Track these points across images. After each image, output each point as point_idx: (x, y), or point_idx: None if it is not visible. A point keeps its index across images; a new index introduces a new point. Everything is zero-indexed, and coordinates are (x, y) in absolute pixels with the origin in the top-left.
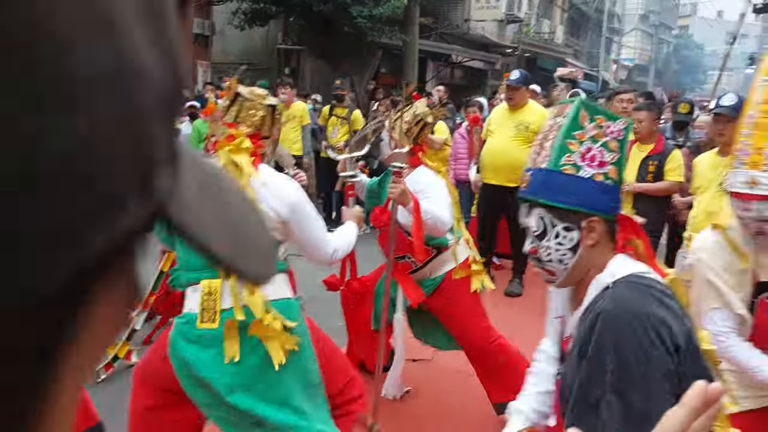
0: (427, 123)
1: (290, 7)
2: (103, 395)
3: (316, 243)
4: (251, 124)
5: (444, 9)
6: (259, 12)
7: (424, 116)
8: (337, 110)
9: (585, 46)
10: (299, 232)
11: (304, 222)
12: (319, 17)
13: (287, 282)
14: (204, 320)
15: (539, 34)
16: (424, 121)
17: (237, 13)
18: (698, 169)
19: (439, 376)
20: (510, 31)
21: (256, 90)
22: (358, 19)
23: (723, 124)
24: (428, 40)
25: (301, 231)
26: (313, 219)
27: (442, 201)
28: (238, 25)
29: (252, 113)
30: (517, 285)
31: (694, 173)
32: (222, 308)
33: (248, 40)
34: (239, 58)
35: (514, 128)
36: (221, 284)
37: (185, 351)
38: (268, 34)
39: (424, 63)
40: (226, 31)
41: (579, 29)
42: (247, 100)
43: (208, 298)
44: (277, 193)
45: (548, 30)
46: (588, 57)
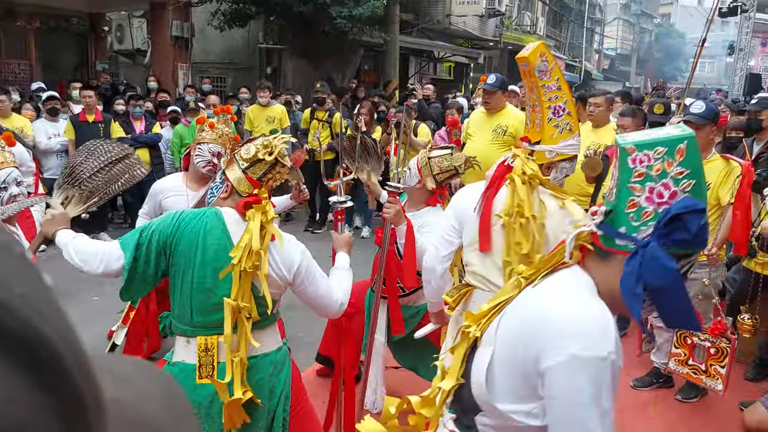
0: (458, 172)
1: (270, 7)
2: None
3: (322, 300)
4: (271, 187)
5: (425, 5)
6: (239, 12)
7: (459, 168)
8: (318, 113)
9: (567, 37)
10: (305, 292)
11: (309, 283)
12: (299, 17)
13: (277, 331)
14: (202, 376)
15: (521, 27)
16: (456, 171)
17: (216, 14)
18: None
19: (422, 382)
20: (491, 24)
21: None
22: (338, 19)
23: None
24: (410, 37)
25: (306, 292)
26: (318, 278)
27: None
28: (217, 26)
29: (279, 178)
30: None
31: None
32: (219, 361)
33: (230, 40)
34: (221, 58)
35: (491, 132)
36: (218, 340)
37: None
38: (249, 34)
39: (406, 59)
40: (207, 31)
41: (561, 20)
42: (283, 167)
43: (206, 354)
44: (284, 258)
45: (530, 22)
46: (570, 48)
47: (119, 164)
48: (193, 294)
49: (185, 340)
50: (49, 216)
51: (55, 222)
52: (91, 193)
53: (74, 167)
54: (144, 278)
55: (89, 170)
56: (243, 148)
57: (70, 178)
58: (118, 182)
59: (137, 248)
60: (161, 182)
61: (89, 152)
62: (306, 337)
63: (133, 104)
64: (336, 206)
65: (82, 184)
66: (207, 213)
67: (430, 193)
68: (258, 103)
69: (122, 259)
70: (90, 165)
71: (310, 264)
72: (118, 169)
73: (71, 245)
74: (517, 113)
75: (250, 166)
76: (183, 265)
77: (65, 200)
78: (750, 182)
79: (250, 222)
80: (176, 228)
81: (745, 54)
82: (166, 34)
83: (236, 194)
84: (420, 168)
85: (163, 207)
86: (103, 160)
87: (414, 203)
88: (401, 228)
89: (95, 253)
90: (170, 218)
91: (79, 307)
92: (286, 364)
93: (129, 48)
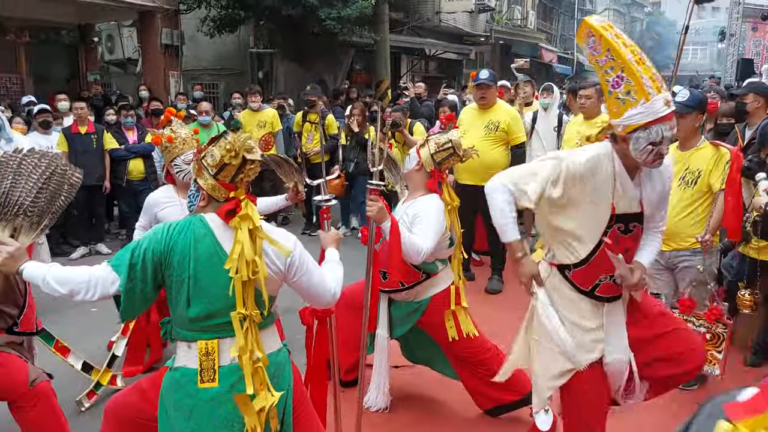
0: (455, 152)
1: (258, 11)
2: (90, 424)
3: (315, 289)
4: (246, 183)
5: (414, 3)
6: (228, 18)
7: (455, 145)
8: (310, 116)
9: (558, 29)
10: (299, 282)
11: (303, 273)
12: (288, 21)
13: (275, 332)
14: (204, 380)
15: (511, 21)
16: (453, 148)
17: (206, 20)
18: None
19: (424, 382)
20: (482, 20)
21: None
22: (327, 21)
23: (677, 120)
24: (400, 35)
25: (300, 282)
26: (311, 268)
27: (429, 231)
28: (207, 33)
29: (252, 174)
30: (497, 282)
31: None
32: (219, 365)
33: (221, 46)
34: (213, 65)
35: (484, 128)
36: (218, 344)
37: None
38: (239, 39)
39: (398, 58)
40: (197, 37)
41: (551, 13)
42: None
43: (207, 358)
44: (277, 252)
45: (520, 16)
46: (562, 40)
47: (54, 178)
48: (190, 301)
49: (186, 345)
50: (5, 255)
51: (15, 258)
52: (39, 217)
53: (7, 194)
54: (144, 296)
55: (28, 194)
56: (208, 154)
57: (9, 208)
58: (60, 197)
59: (131, 269)
60: (155, 195)
61: (13, 173)
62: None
63: (125, 114)
64: (321, 205)
65: (26, 212)
66: (193, 221)
67: (428, 175)
68: (249, 108)
69: (117, 283)
70: (26, 188)
71: (303, 254)
72: (56, 183)
73: (49, 277)
74: (508, 108)
75: (219, 171)
76: (178, 275)
77: (14, 232)
78: (739, 168)
79: (239, 232)
80: (167, 242)
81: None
82: (156, 42)
83: (213, 200)
84: (418, 150)
85: (159, 218)
86: (35, 179)
87: (413, 189)
88: (385, 225)
89: (86, 281)
90: (160, 233)
91: (78, 318)
92: (286, 366)
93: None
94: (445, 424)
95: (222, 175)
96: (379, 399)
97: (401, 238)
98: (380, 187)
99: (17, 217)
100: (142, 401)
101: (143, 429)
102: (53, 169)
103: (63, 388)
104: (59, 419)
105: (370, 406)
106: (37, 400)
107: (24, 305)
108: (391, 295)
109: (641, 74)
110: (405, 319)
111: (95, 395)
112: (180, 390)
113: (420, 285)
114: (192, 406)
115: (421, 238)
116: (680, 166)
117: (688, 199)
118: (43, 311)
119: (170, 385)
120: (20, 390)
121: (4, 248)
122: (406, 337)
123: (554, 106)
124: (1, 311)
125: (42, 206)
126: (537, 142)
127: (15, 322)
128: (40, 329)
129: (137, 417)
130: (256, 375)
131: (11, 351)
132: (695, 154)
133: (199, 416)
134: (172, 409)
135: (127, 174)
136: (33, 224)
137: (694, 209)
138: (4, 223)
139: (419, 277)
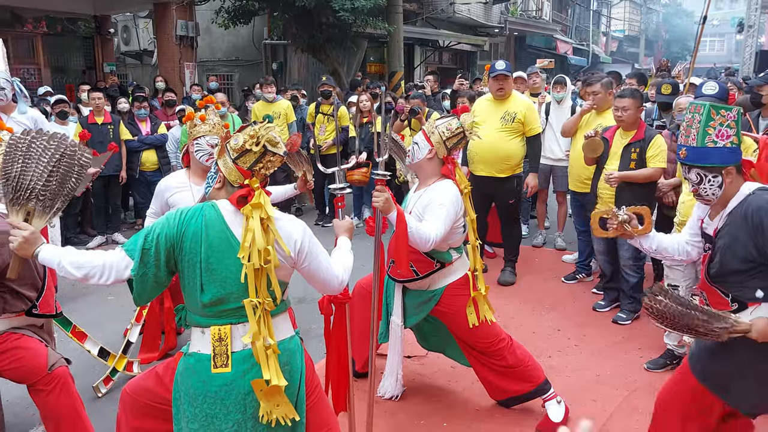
0: (465, 137)
1: (273, 2)
2: (105, 409)
3: (324, 277)
4: (263, 175)
5: None
6: (242, 9)
7: (465, 129)
8: (324, 107)
9: (573, 21)
10: (308, 268)
11: (312, 258)
12: (302, 11)
13: (288, 320)
14: (217, 366)
15: (526, 12)
16: (463, 134)
17: (220, 11)
18: None
19: (436, 372)
20: (496, 11)
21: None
22: (341, 12)
23: None
24: (414, 26)
25: (309, 268)
26: (319, 254)
27: (440, 219)
28: (222, 24)
29: (270, 167)
30: (510, 273)
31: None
32: (232, 351)
33: (235, 37)
34: (227, 56)
35: (500, 120)
36: (231, 330)
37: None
38: (253, 30)
39: (411, 49)
40: (212, 29)
41: (566, 4)
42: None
43: (219, 344)
44: (287, 239)
45: (535, 7)
46: (577, 31)
47: (63, 159)
48: (203, 287)
49: (200, 331)
50: (20, 239)
51: (30, 242)
52: (51, 200)
53: (18, 178)
54: (156, 281)
55: (39, 178)
56: (232, 138)
57: (21, 192)
58: (71, 178)
59: (143, 254)
60: (166, 180)
61: (23, 156)
62: (317, 329)
63: (138, 106)
64: (336, 193)
65: (38, 195)
66: (205, 207)
67: (441, 163)
68: (263, 99)
69: (130, 267)
70: (37, 171)
71: (312, 240)
72: (66, 165)
73: (66, 261)
74: (524, 99)
75: (239, 156)
76: (190, 261)
77: (27, 216)
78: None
79: (250, 220)
80: (180, 227)
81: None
82: (171, 33)
83: (228, 185)
84: (428, 137)
85: (170, 204)
86: (45, 162)
87: (425, 177)
88: (392, 215)
89: (100, 265)
90: (172, 219)
91: (95, 306)
92: (299, 353)
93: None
94: (456, 414)
95: (241, 160)
96: (392, 387)
97: (408, 227)
98: (386, 177)
99: (30, 201)
100: (158, 385)
101: (159, 412)
102: (63, 150)
103: (80, 374)
104: (76, 403)
105: (383, 394)
106: (56, 383)
107: (42, 288)
108: (406, 284)
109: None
110: (419, 309)
111: (111, 381)
112: (194, 375)
113: (434, 274)
114: (205, 391)
115: (431, 225)
116: None
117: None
118: (60, 299)
119: (185, 370)
120: (39, 373)
121: (19, 232)
122: (420, 325)
123: (567, 99)
124: (19, 293)
125: (54, 189)
126: (550, 133)
127: (34, 305)
128: (59, 312)
129: (153, 401)
130: (269, 361)
131: (32, 335)
132: None
133: (212, 401)
134: (186, 394)
135: (140, 165)
136: (46, 207)
137: None
138: (18, 208)
139: (433, 266)
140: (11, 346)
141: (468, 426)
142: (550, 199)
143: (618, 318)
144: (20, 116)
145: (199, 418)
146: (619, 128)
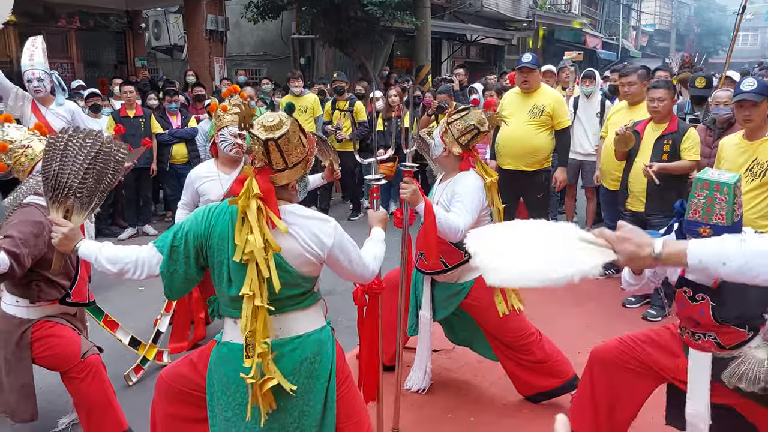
0: (480, 131)
1: None
2: (136, 398)
3: (352, 266)
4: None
5: None
6: (271, 4)
7: (478, 125)
8: (339, 103)
9: (603, 15)
10: (340, 266)
11: (344, 257)
12: (330, 6)
13: (320, 311)
14: (249, 356)
15: (555, 6)
16: (477, 130)
17: (249, 6)
18: (724, 153)
19: (463, 366)
20: (524, 4)
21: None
22: (368, 6)
23: (748, 110)
24: (442, 20)
25: (341, 265)
26: (349, 247)
27: (467, 208)
28: (251, 19)
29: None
30: None
31: (718, 157)
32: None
33: (263, 32)
34: (255, 50)
35: (528, 113)
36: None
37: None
38: (282, 25)
39: (438, 43)
40: (241, 23)
41: None
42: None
43: (252, 335)
44: (315, 237)
45: (564, 1)
46: (607, 26)
47: (99, 156)
48: (232, 282)
49: (233, 321)
50: (60, 236)
51: (70, 239)
52: (89, 197)
53: (56, 177)
54: (187, 277)
55: (76, 176)
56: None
57: (60, 190)
58: (108, 175)
59: (172, 251)
60: (195, 171)
61: (61, 155)
62: (345, 320)
63: (169, 100)
64: (371, 184)
65: (76, 193)
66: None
67: (458, 159)
68: (291, 93)
69: (161, 263)
70: (74, 170)
71: (342, 238)
72: (102, 161)
73: (102, 256)
74: (553, 92)
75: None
76: (218, 257)
77: (66, 213)
78: None
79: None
80: (208, 224)
81: None
82: (201, 28)
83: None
84: (442, 136)
85: (200, 193)
86: (82, 160)
87: (448, 171)
88: (419, 207)
89: (133, 261)
90: (200, 216)
91: (126, 297)
92: (330, 344)
93: (166, 44)
94: (483, 408)
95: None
96: (420, 380)
97: (436, 218)
98: (413, 169)
99: (68, 198)
100: (193, 372)
101: (194, 399)
102: (98, 148)
103: (111, 363)
104: (108, 391)
105: (410, 386)
106: (88, 371)
107: (76, 277)
108: (434, 277)
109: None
110: (448, 302)
111: (142, 370)
112: (227, 364)
113: (463, 266)
114: (239, 380)
115: (459, 215)
116: (747, 157)
117: (754, 191)
118: (93, 289)
119: (218, 358)
120: (73, 361)
121: (59, 229)
122: (449, 318)
123: (597, 93)
124: (54, 282)
125: (90, 186)
126: (579, 128)
127: (67, 293)
128: (92, 301)
129: (188, 387)
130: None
131: (66, 323)
132: (764, 145)
133: (244, 390)
134: (219, 382)
135: (170, 158)
136: (84, 204)
137: (759, 201)
138: (57, 205)
139: (462, 257)
140: (46, 334)
141: (495, 420)
142: (579, 195)
143: (648, 315)
144: (58, 108)
145: (233, 406)
146: (650, 121)
